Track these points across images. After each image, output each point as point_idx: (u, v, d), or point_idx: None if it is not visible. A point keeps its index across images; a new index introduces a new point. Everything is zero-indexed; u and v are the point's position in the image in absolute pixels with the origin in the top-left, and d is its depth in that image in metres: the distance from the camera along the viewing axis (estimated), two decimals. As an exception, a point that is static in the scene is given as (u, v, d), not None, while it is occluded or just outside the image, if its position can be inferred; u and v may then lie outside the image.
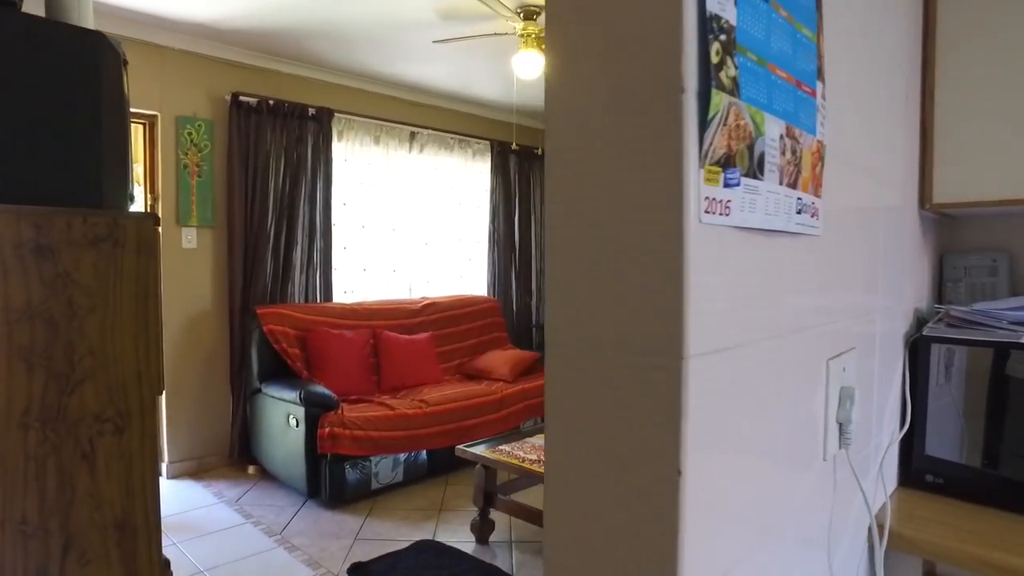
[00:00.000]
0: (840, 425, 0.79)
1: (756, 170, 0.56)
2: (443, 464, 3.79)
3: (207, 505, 3.30)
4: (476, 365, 4.61)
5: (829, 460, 0.78)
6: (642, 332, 0.50)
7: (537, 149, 5.71)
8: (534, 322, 5.84)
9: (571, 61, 0.55)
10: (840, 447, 0.79)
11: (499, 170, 5.43)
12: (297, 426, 3.32)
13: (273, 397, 3.52)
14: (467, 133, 5.23)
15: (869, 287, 0.95)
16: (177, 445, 3.68)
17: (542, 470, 2.59)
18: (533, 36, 3.14)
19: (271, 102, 3.90)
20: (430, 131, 4.92)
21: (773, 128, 0.58)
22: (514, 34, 3.18)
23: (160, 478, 3.37)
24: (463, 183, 5.28)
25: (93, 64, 1.10)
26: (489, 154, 5.39)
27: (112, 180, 1.17)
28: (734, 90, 0.51)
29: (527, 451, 2.87)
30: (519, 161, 5.61)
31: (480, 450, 2.89)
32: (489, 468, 2.89)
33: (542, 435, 3.13)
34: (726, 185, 0.52)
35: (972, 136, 1.10)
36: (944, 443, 1.08)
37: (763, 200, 0.57)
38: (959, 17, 1.11)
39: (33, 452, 1.10)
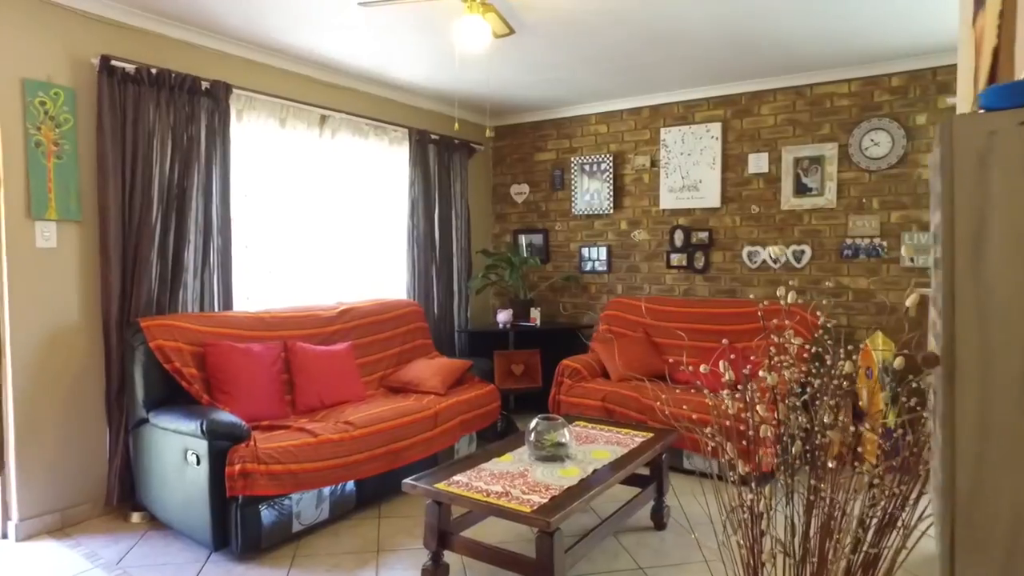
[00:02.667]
0: None
1: None
2: (373, 494, 3.30)
3: (77, 573, 2.61)
4: (402, 377, 4.13)
5: None
6: None
7: (457, 139, 5.29)
8: (458, 327, 5.41)
9: None
10: None
11: (418, 161, 4.96)
12: (198, 464, 2.71)
13: (165, 429, 2.88)
14: (384, 119, 4.72)
15: None
16: (31, 496, 2.93)
17: (514, 506, 2.20)
18: (479, 0, 2.75)
19: (153, 71, 3.22)
20: (343, 115, 4.37)
21: None
22: (458, -2, 2.76)
23: (5, 542, 2.63)
24: (379, 175, 4.76)
25: None
26: (407, 143, 4.90)
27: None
28: None
29: (487, 481, 2.46)
30: (439, 152, 5.16)
31: (431, 484, 2.45)
32: (443, 504, 2.46)
33: (498, 459, 2.74)
34: None
35: None
36: None
37: None
38: None
39: None
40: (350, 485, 3.18)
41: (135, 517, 3.09)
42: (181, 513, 2.84)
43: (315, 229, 4.27)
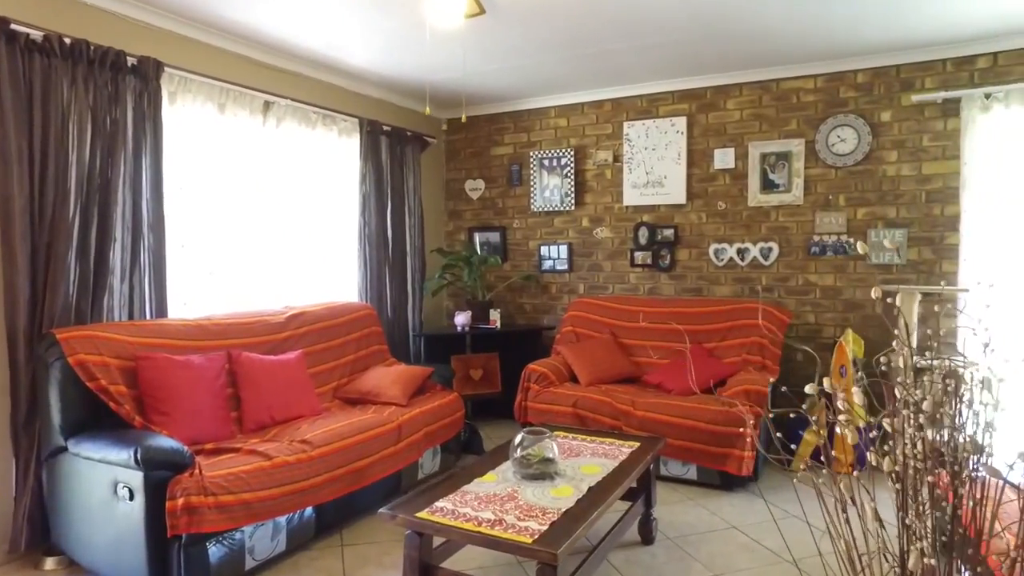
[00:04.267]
0: None
1: None
2: (333, 519, 2.98)
3: (-19, 636, 2.18)
4: (359, 387, 3.80)
5: None
6: None
7: (410, 131, 4.97)
8: (413, 330, 5.09)
9: None
10: None
11: (370, 154, 4.61)
12: (131, 499, 2.32)
13: (89, 459, 2.45)
14: (333, 108, 4.35)
15: None
16: (-77, 543, 2.45)
17: (512, 536, 1.95)
18: (456, -28, 2.48)
19: (67, 40, 2.77)
20: (289, 102, 3.98)
21: None
22: (431, -32, 2.49)
23: None
24: (328, 168, 4.39)
25: None
26: (358, 134, 4.55)
27: None
28: None
29: (475, 506, 2.20)
30: (391, 144, 4.83)
31: (412, 513, 2.16)
32: (424, 534, 2.18)
33: (481, 479, 2.48)
34: None
35: None
36: None
37: None
38: None
39: None
40: (308, 511, 2.84)
41: (49, 563, 2.64)
42: (110, 556, 2.42)
43: (260, 226, 3.87)
